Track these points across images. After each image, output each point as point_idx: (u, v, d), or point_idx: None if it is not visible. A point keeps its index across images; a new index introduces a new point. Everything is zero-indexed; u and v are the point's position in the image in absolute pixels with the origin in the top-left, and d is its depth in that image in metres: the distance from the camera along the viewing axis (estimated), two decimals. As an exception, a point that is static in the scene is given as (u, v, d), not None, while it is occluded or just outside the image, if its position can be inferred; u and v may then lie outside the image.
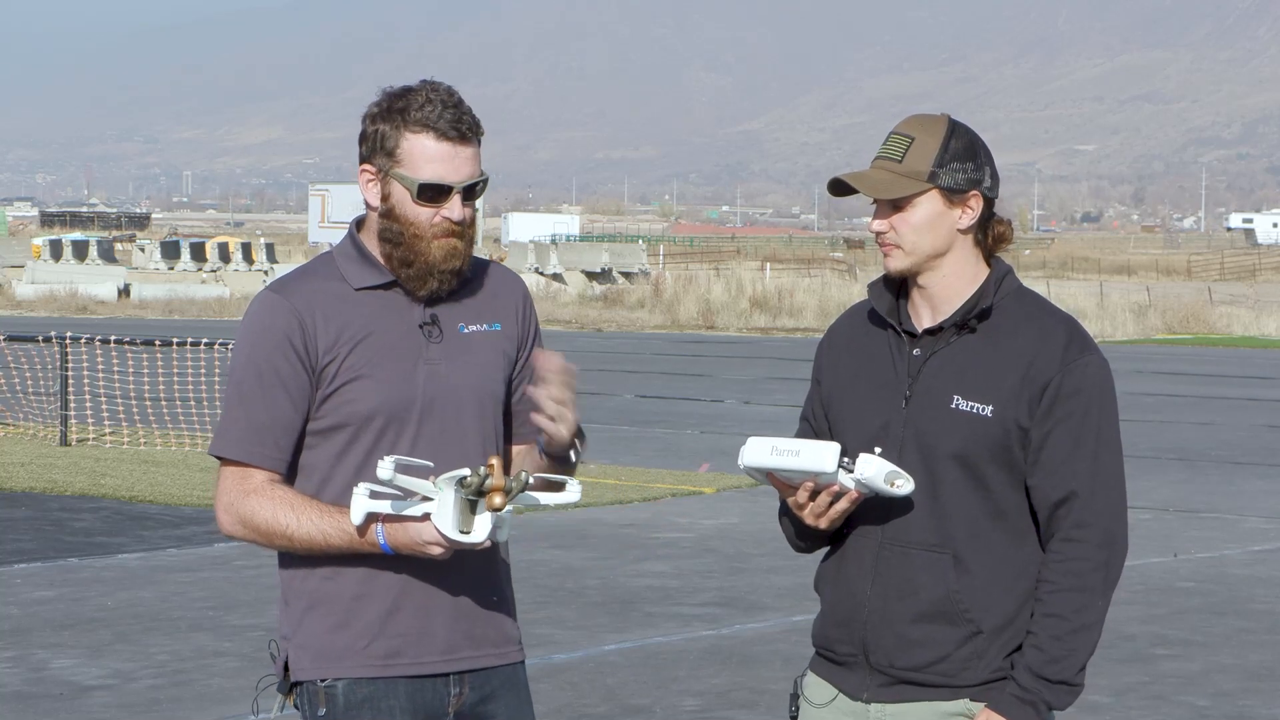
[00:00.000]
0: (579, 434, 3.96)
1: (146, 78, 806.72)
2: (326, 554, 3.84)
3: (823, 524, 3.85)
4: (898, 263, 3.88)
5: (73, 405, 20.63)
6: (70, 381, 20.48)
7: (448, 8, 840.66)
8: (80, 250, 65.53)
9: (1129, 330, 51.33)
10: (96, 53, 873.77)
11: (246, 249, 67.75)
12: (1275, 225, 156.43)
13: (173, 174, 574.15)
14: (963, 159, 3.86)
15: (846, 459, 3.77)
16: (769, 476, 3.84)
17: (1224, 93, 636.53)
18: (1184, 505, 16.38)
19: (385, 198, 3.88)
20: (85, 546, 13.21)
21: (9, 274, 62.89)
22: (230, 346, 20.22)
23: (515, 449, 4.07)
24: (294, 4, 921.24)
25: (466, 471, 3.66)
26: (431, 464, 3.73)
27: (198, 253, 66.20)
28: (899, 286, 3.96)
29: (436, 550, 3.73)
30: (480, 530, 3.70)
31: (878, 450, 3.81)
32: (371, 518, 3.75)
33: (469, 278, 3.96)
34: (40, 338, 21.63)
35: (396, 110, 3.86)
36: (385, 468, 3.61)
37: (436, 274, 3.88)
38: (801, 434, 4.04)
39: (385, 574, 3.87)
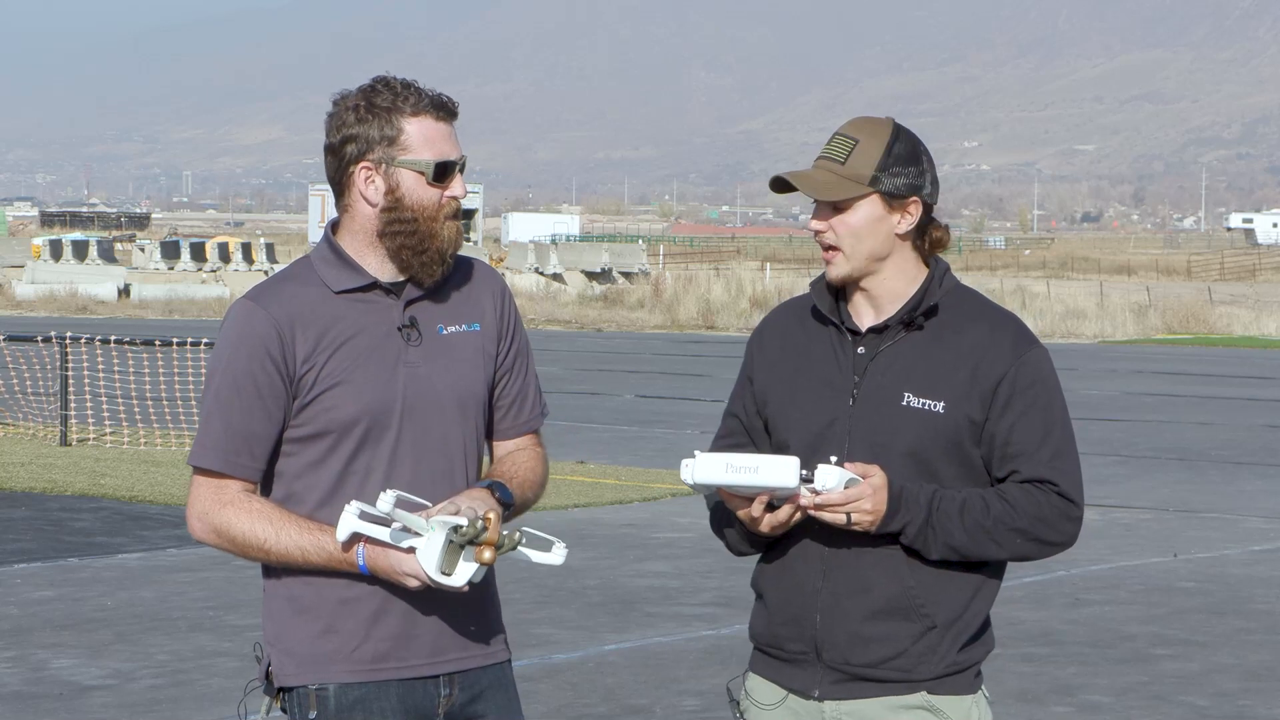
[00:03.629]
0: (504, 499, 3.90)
1: (146, 78, 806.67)
2: (302, 569, 3.85)
3: (778, 533, 3.87)
4: (839, 269, 3.91)
5: (73, 405, 20.63)
6: (70, 381, 20.48)
7: (448, 8, 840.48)
8: (80, 250, 65.49)
9: (1129, 330, 51.32)
10: (96, 53, 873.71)
11: (246, 249, 67.71)
12: (1275, 225, 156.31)
13: (173, 174, 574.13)
14: (905, 164, 3.88)
15: (805, 471, 3.75)
16: (719, 490, 3.83)
17: (1224, 93, 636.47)
18: (1184, 505, 16.38)
19: (392, 190, 3.87)
20: (85, 546, 13.21)
21: (9, 274, 62.87)
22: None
23: (498, 445, 4.07)
24: (294, 4, 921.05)
25: (464, 522, 3.67)
26: (429, 503, 3.75)
27: (198, 253, 66.16)
28: (839, 285, 3.98)
29: (413, 583, 3.74)
30: (461, 575, 3.70)
31: (834, 459, 3.81)
32: (355, 538, 3.75)
33: (446, 277, 3.96)
34: (40, 338, 21.63)
35: (383, 105, 3.86)
36: (386, 501, 3.63)
37: (447, 259, 3.89)
38: (730, 431, 4.04)
39: (369, 580, 3.86)
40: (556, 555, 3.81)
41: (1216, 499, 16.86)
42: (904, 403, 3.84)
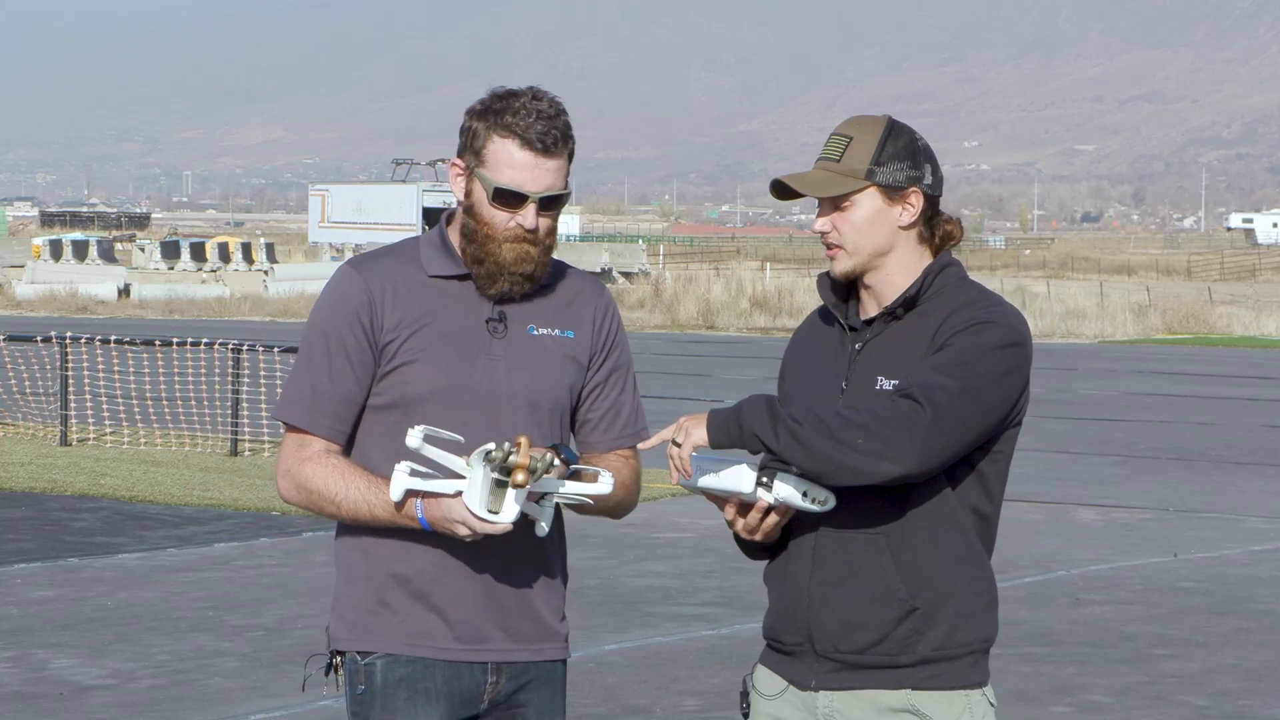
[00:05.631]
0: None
1: (146, 78, 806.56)
2: (373, 525, 3.91)
3: (757, 538, 3.92)
4: (842, 265, 3.94)
5: (73, 405, 20.63)
6: (70, 381, 20.48)
7: (448, 8, 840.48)
8: (80, 250, 65.50)
9: (1129, 330, 51.30)
10: (96, 53, 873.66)
11: (246, 249, 67.75)
12: (1275, 225, 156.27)
13: (173, 174, 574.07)
14: (901, 157, 3.91)
15: (765, 478, 3.81)
16: (703, 493, 3.90)
17: (1224, 93, 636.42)
18: (1184, 505, 16.38)
19: (468, 194, 3.95)
20: (85, 546, 13.21)
21: (9, 274, 62.85)
22: (231, 347, 20.21)
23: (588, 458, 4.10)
24: (294, 4, 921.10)
25: (492, 446, 3.68)
26: (461, 439, 3.78)
27: (198, 253, 66.21)
28: (849, 283, 4.01)
29: (463, 530, 3.78)
30: (509, 511, 3.72)
31: (795, 470, 3.83)
32: (410, 494, 3.81)
33: (547, 282, 4.00)
34: (40, 338, 21.62)
35: (494, 111, 3.93)
36: (414, 436, 3.68)
37: (507, 275, 3.93)
38: None
39: (422, 557, 3.94)
40: (604, 484, 3.83)
41: (1216, 499, 16.86)
42: (877, 386, 3.88)
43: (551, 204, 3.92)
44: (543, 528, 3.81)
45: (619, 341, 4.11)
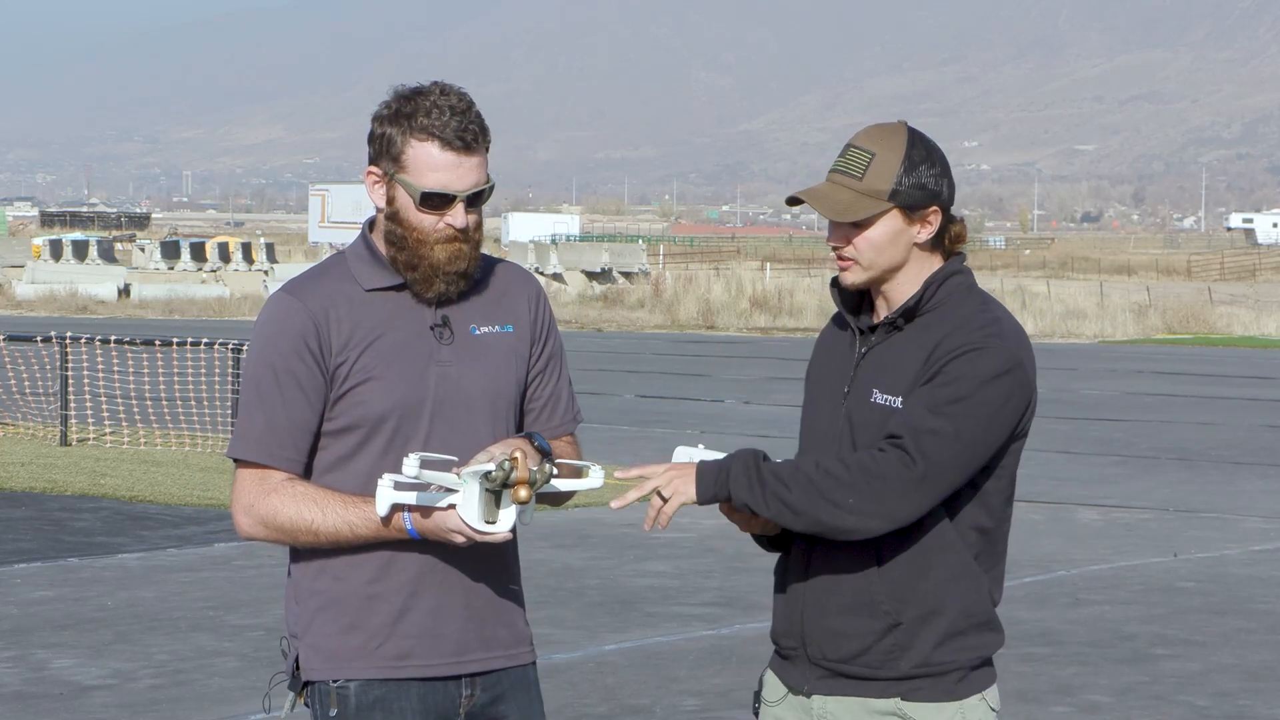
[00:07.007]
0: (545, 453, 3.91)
1: (146, 78, 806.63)
2: (352, 545, 3.85)
3: (754, 529, 3.94)
4: (854, 277, 3.92)
5: (73, 405, 20.62)
6: (70, 381, 20.48)
7: (448, 8, 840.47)
8: (80, 250, 65.52)
9: (1129, 330, 51.31)
10: (96, 53, 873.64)
11: (246, 249, 67.76)
12: (1275, 225, 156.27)
13: (173, 174, 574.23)
14: (922, 175, 3.87)
15: None
16: None
17: (1224, 93, 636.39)
18: (1184, 505, 16.38)
19: (390, 201, 3.88)
20: (85, 546, 13.21)
21: (9, 274, 62.87)
22: (231, 347, 20.20)
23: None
24: (294, 4, 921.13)
25: (491, 467, 3.68)
26: (455, 458, 3.76)
27: (198, 253, 66.21)
28: (854, 290, 4.02)
29: (459, 539, 3.76)
30: (505, 521, 3.73)
31: None
32: (396, 508, 3.78)
33: (479, 278, 3.96)
34: (40, 338, 21.62)
35: (404, 115, 3.85)
36: (410, 465, 3.63)
37: (442, 276, 3.88)
38: (800, 435, 4.12)
39: (397, 575, 3.89)
40: (594, 479, 3.83)
41: (1216, 499, 16.86)
42: (873, 399, 3.88)
43: (477, 199, 3.88)
44: (528, 517, 3.81)
45: (553, 328, 4.09)
